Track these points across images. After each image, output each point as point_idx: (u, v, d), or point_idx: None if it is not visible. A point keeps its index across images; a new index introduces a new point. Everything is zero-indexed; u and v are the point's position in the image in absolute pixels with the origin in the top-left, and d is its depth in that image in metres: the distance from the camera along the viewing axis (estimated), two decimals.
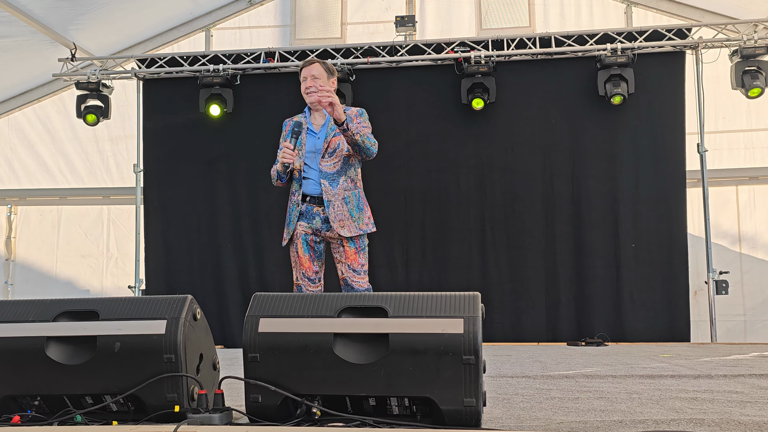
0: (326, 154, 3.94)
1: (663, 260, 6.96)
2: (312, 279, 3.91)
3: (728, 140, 7.70)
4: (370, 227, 3.99)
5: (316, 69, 4.00)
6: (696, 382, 3.52)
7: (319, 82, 3.95)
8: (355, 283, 3.89)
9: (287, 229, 3.97)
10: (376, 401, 2.24)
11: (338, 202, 3.88)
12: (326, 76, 4.01)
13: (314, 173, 3.92)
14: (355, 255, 3.90)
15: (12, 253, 8.51)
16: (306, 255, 3.89)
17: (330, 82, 4.02)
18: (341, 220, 3.86)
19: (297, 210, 3.93)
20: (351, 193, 3.94)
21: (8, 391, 2.39)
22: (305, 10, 8.14)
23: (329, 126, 3.99)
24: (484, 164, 7.29)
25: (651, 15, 7.76)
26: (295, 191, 3.97)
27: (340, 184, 3.91)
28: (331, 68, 4.09)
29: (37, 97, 8.51)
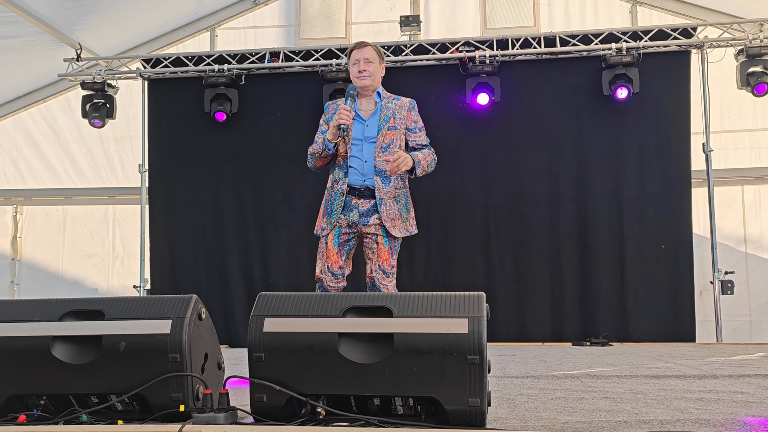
0: (380, 150, 3.80)
1: (668, 260, 6.94)
2: (335, 274, 3.77)
3: (734, 140, 7.68)
4: (414, 229, 3.93)
5: (369, 52, 3.85)
6: (701, 382, 3.51)
7: (372, 67, 3.83)
8: (383, 286, 3.74)
9: (328, 219, 3.81)
10: (381, 401, 2.24)
11: (390, 200, 3.78)
12: (378, 60, 3.88)
13: (358, 162, 3.78)
14: (388, 255, 3.77)
15: (18, 253, 8.54)
16: (335, 248, 3.76)
17: (381, 67, 3.92)
18: (393, 220, 3.76)
19: (341, 200, 3.77)
20: (401, 192, 3.86)
21: (14, 391, 2.40)
22: (310, 9, 8.14)
23: (381, 116, 3.85)
24: (489, 164, 7.28)
25: (656, 14, 7.74)
26: (339, 179, 3.81)
27: (392, 182, 3.80)
28: (382, 53, 3.96)
29: (42, 98, 8.53)
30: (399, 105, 3.87)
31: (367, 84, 3.83)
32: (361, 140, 3.80)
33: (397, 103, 3.87)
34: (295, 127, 7.41)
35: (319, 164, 3.87)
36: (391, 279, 3.77)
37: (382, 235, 3.74)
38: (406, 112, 3.88)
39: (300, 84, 7.56)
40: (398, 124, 3.85)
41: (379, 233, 3.74)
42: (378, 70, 3.88)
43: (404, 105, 3.88)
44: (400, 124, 3.86)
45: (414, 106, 3.93)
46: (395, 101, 3.89)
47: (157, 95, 7.87)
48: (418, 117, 3.93)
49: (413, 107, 3.92)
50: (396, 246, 3.81)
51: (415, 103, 3.96)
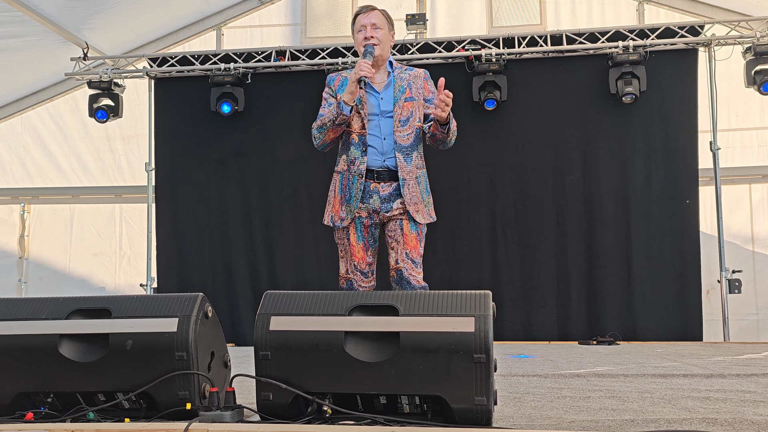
0: (399, 124, 3.36)
1: (675, 259, 6.92)
2: (365, 273, 3.35)
3: (741, 138, 7.65)
4: (434, 216, 3.45)
5: (376, 17, 3.41)
6: (708, 381, 3.50)
7: (380, 33, 3.38)
8: (412, 278, 3.28)
9: (348, 207, 3.31)
10: (387, 399, 2.24)
11: (413, 181, 3.32)
12: (387, 26, 3.45)
13: (377, 141, 3.32)
14: (416, 241, 3.29)
15: (25, 251, 8.57)
16: (360, 243, 3.32)
17: (390, 35, 3.48)
18: (416, 204, 3.30)
19: (360, 183, 3.29)
20: (421, 172, 3.42)
21: (22, 388, 2.41)
22: (316, 8, 8.14)
23: (396, 88, 3.41)
24: (495, 163, 7.27)
25: (663, 12, 7.71)
26: (355, 159, 3.32)
27: (413, 160, 3.36)
28: (391, 19, 3.53)
29: (49, 96, 8.56)
30: (414, 75, 3.47)
31: (377, 53, 3.35)
32: (377, 115, 3.36)
33: (411, 73, 3.48)
34: (301, 125, 7.40)
35: (329, 137, 3.38)
36: (419, 269, 3.30)
37: (408, 220, 3.29)
38: (423, 82, 3.48)
39: (306, 83, 7.55)
40: (415, 94, 3.45)
41: (404, 218, 3.29)
42: (387, 38, 3.43)
43: (419, 75, 3.49)
44: (417, 95, 3.46)
45: (429, 76, 3.53)
46: (408, 71, 3.49)
47: (163, 94, 7.88)
48: (434, 88, 3.47)
49: (428, 77, 3.53)
50: (423, 233, 3.35)
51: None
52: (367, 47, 3.32)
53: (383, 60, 3.44)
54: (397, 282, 3.31)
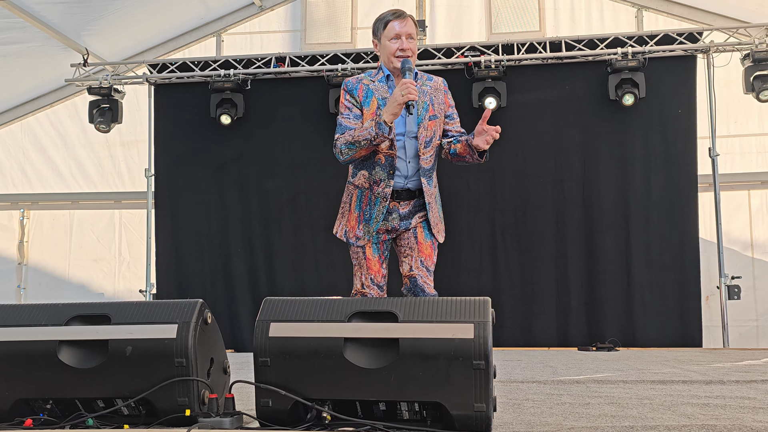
0: (423, 146, 3.14)
1: (675, 265, 6.93)
2: (380, 285, 3.21)
3: (740, 144, 7.66)
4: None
5: (411, 26, 3.19)
6: (708, 387, 3.50)
7: (414, 45, 3.15)
8: (426, 285, 3.14)
9: (365, 227, 3.15)
10: (387, 406, 2.24)
11: (434, 203, 3.24)
12: (415, 36, 3.23)
13: (402, 163, 3.12)
14: (431, 250, 3.20)
15: (25, 257, 8.57)
16: (375, 257, 3.18)
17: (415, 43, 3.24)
18: (437, 224, 3.25)
19: (383, 206, 3.11)
20: (437, 191, 3.30)
21: (21, 395, 2.41)
22: (315, 14, 8.16)
23: (420, 104, 3.13)
24: (495, 168, 7.28)
25: (662, 19, 7.73)
26: (380, 180, 3.11)
27: (433, 181, 3.24)
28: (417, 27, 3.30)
29: (49, 102, 8.57)
30: (434, 87, 3.20)
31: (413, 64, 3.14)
32: (403, 135, 3.12)
33: (431, 84, 3.20)
34: (300, 131, 7.44)
35: (360, 155, 3.09)
36: (432, 277, 3.20)
37: (423, 229, 3.19)
38: (443, 96, 3.23)
39: (306, 89, 7.57)
40: (437, 111, 3.19)
41: (418, 226, 3.19)
42: (415, 47, 3.19)
43: (439, 87, 3.22)
44: (439, 111, 3.20)
45: (447, 86, 3.30)
46: (428, 82, 3.20)
47: (163, 100, 7.89)
48: (452, 101, 3.29)
49: (447, 87, 3.28)
50: (436, 244, 3.25)
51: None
52: (405, 62, 3.08)
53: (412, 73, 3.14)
54: (410, 289, 3.20)
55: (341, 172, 3.38)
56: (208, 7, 8.10)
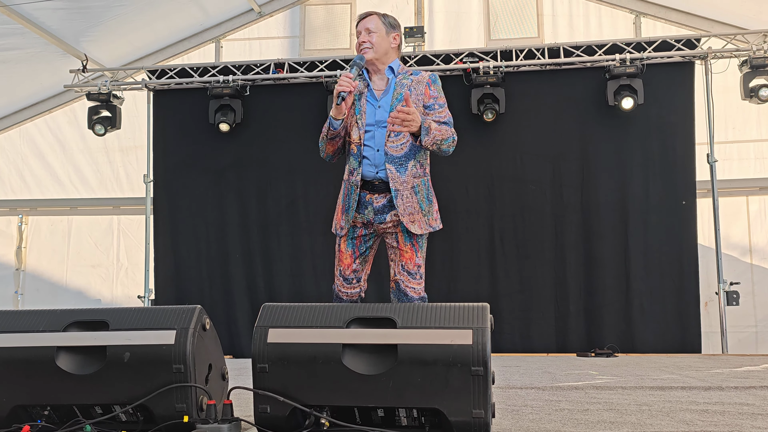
0: (392, 133, 3.24)
1: (673, 271, 6.93)
2: (348, 278, 3.29)
3: (738, 150, 7.67)
4: (439, 224, 3.32)
5: (371, 21, 3.31)
6: (707, 393, 3.49)
7: (375, 37, 3.28)
8: (409, 289, 3.22)
9: (346, 216, 3.27)
10: (385, 412, 2.23)
11: (407, 192, 3.21)
12: (384, 30, 3.31)
13: (371, 152, 3.24)
14: (411, 253, 3.23)
15: (22, 263, 8.56)
16: (348, 250, 3.28)
17: (390, 38, 3.32)
18: (411, 214, 3.20)
19: (356, 194, 3.24)
20: (420, 181, 3.27)
21: (18, 401, 2.40)
22: (314, 21, 8.18)
23: (394, 95, 3.26)
24: (494, 174, 7.29)
25: (660, 25, 7.75)
26: (353, 170, 3.27)
27: (408, 169, 3.23)
28: (393, 20, 3.38)
29: (48, 108, 8.58)
30: (416, 80, 3.29)
31: (369, 57, 3.27)
32: (373, 125, 3.27)
33: (414, 78, 3.30)
34: (299, 137, 7.44)
35: (329, 150, 3.32)
36: (417, 280, 3.23)
37: (402, 232, 3.22)
38: (424, 87, 3.29)
39: (305, 95, 7.59)
40: (414, 101, 3.26)
41: (398, 230, 3.24)
42: (384, 41, 3.29)
43: (422, 80, 3.30)
44: (416, 101, 3.27)
45: (435, 80, 3.34)
46: (412, 76, 3.31)
47: (162, 106, 7.90)
48: (439, 92, 3.34)
49: (434, 81, 3.33)
50: (420, 243, 3.25)
51: (438, 77, 3.38)
52: (356, 57, 3.24)
53: (382, 63, 3.31)
54: (395, 294, 3.28)
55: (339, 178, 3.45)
56: (207, 13, 8.12)
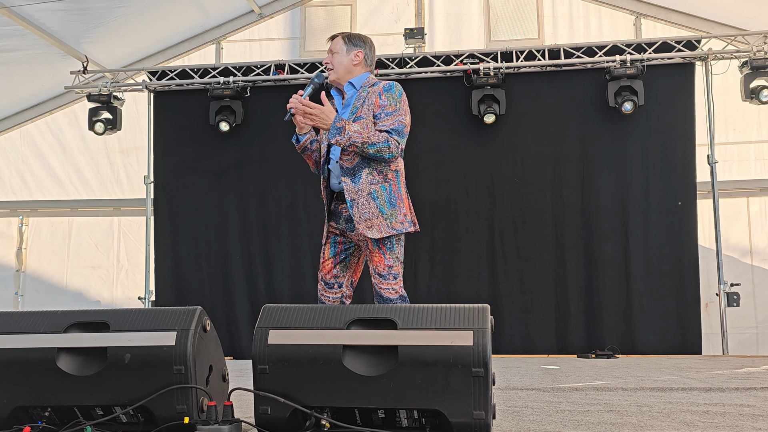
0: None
1: (674, 272, 6.93)
2: (328, 283, 3.36)
3: (738, 151, 7.68)
4: (407, 226, 3.31)
5: (335, 43, 3.42)
6: (707, 395, 3.49)
7: (335, 58, 3.38)
8: (383, 290, 3.24)
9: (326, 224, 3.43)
10: (385, 413, 2.23)
11: (363, 198, 3.24)
12: (345, 49, 3.39)
13: (334, 165, 3.34)
14: (380, 256, 3.25)
15: (23, 264, 8.56)
16: (330, 256, 3.37)
17: (352, 55, 3.38)
18: (368, 220, 3.23)
19: (326, 204, 3.39)
20: (380, 186, 3.27)
21: (19, 402, 2.40)
22: (315, 22, 8.18)
23: (351, 110, 3.33)
24: (494, 175, 7.30)
25: (660, 27, 7.75)
26: (323, 181, 3.42)
27: (363, 178, 3.26)
28: (356, 38, 3.44)
29: (49, 110, 8.58)
30: (372, 91, 3.31)
31: (332, 78, 3.40)
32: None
33: (371, 89, 3.31)
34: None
35: (309, 163, 3.48)
36: (390, 281, 3.25)
37: (368, 238, 3.25)
38: (375, 98, 3.28)
39: None
40: (365, 112, 3.28)
41: (365, 237, 3.26)
42: (344, 60, 3.38)
43: (376, 90, 3.30)
44: (367, 112, 3.28)
45: (390, 88, 3.31)
46: (370, 88, 3.33)
47: (162, 107, 7.91)
48: (389, 101, 3.29)
49: (388, 90, 3.30)
50: (388, 245, 3.27)
51: (397, 85, 3.34)
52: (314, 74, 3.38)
53: (343, 82, 3.41)
54: (375, 297, 3.34)
55: None
56: (208, 14, 8.12)
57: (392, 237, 3.28)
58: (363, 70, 3.43)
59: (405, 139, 3.33)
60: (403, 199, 3.36)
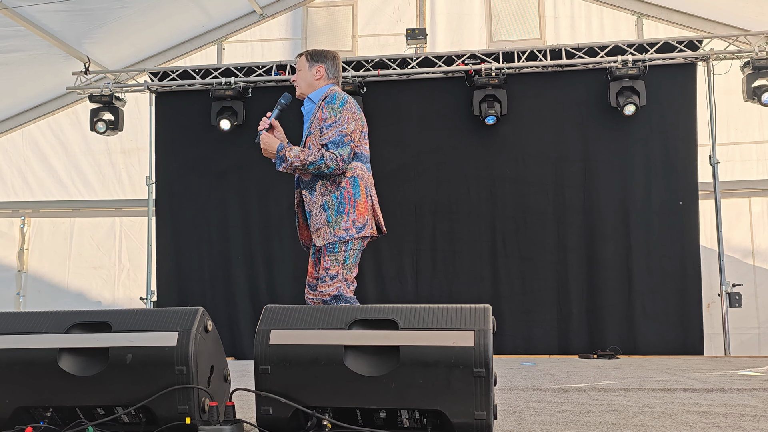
0: None
1: (676, 272, 6.92)
2: (311, 285, 3.51)
3: (741, 152, 7.67)
4: (353, 232, 3.38)
5: (299, 62, 3.66)
6: (709, 395, 3.49)
7: (299, 75, 3.64)
8: (322, 294, 3.35)
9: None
10: (387, 414, 2.23)
11: (317, 210, 3.44)
12: (308, 66, 3.61)
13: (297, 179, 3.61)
14: (322, 261, 3.39)
15: (24, 265, 8.57)
16: (311, 261, 3.54)
17: (314, 71, 3.59)
18: (317, 230, 3.42)
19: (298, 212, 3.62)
20: (331, 197, 3.42)
21: (21, 402, 2.40)
22: (316, 22, 8.19)
23: (307, 124, 3.55)
24: (495, 176, 7.29)
25: (662, 27, 7.75)
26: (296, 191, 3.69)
27: (317, 189, 3.46)
28: (318, 55, 3.63)
29: (50, 110, 8.59)
30: (319, 105, 3.49)
31: (298, 93, 3.67)
32: None
33: (322, 103, 3.49)
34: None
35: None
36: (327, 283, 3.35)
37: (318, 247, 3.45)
38: (319, 112, 3.47)
39: None
40: (314, 127, 3.49)
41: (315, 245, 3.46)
42: (306, 76, 3.61)
43: (320, 104, 3.48)
44: (315, 127, 3.48)
45: (331, 100, 3.44)
46: (323, 100, 3.50)
47: (164, 108, 7.91)
48: (329, 113, 3.42)
49: (329, 102, 3.44)
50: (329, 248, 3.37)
51: (339, 96, 3.46)
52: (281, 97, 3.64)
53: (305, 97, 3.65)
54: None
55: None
56: (209, 15, 8.13)
57: (335, 242, 3.38)
58: (325, 83, 3.61)
59: (347, 148, 3.39)
60: (356, 204, 3.43)
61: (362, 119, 3.53)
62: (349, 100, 3.47)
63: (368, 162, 3.55)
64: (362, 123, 3.52)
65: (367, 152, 3.55)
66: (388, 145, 7.38)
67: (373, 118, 7.61)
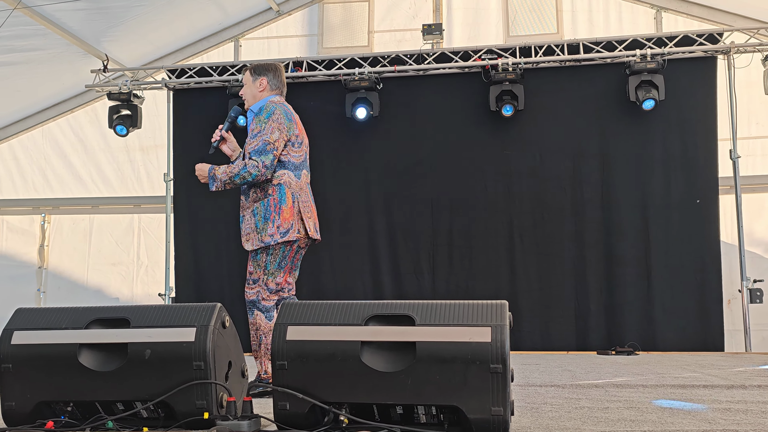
0: None
1: (696, 268, 6.86)
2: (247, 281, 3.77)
3: (762, 146, 7.57)
4: (277, 238, 3.56)
5: (244, 77, 3.88)
6: (729, 392, 3.46)
7: (245, 88, 3.87)
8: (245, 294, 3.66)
9: None
10: (404, 409, 2.23)
11: (248, 214, 3.70)
12: (252, 79, 3.83)
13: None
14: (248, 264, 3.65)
15: (45, 261, 8.66)
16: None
17: (257, 83, 3.81)
18: (247, 234, 3.66)
19: None
20: (260, 203, 3.65)
21: (42, 397, 2.43)
22: (332, 19, 8.19)
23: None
24: (513, 171, 7.26)
25: (681, 20, 7.67)
26: None
27: (250, 196, 3.73)
28: (260, 68, 3.83)
29: (70, 108, 8.67)
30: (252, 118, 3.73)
31: (246, 106, 3.89)
32: None
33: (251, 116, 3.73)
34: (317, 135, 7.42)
35: None
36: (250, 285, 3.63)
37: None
38: (251, 123, 3.71)
39: (323, 93, 7.59)
40: (249, 138, 3.75)
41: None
42: (250, 89, 3.84)
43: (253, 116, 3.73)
44: (250, 138, 3.74)
45: (260, 112, 3.68)
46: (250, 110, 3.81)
47: (182, 105, 7.95)
48: (256, 123, 3.67)
49: (257, 114, 3.69)
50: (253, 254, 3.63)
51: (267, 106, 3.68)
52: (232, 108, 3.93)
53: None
54: None
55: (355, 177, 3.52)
56: (226, 12, 8.16)
57: (258, 249, 3.60)
58: (267, 95, 3.81)
59: (270, 155, 3.58)
60: (281, 211, 3.61)
61: (293, 129, 3.67)
62: (277, 111, 3.63)
63: (299, 169, 3.72)
64: (292, 132, 3.66)
65: (297, 160, 3.71)
66: (404, 141, 7.37)
67: (390, 115, 7.63)
